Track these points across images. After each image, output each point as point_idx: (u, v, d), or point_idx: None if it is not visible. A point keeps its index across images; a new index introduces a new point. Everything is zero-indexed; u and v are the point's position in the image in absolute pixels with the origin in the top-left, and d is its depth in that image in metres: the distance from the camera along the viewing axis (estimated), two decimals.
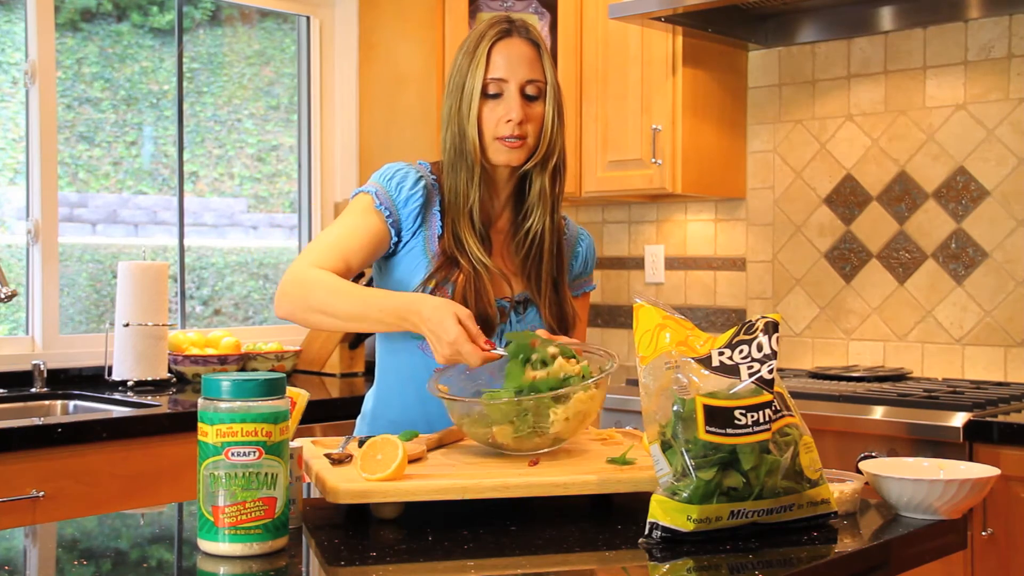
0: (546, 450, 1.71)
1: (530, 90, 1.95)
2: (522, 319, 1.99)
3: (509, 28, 1.96)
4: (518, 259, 2.02)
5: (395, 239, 1.97)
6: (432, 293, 1.91)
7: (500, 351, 1.76)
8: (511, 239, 2.04)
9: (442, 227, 1.97)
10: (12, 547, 1.50)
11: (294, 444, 1.54)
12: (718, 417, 1.42)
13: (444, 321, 1.74)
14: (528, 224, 2.01)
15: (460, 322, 1.73)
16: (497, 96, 1.94)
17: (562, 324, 2.02)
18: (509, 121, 1.92)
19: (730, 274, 3.73)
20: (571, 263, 2.12)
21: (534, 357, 1.74)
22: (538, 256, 2.01)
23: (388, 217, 1.95)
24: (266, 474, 1.36)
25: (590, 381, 1.69)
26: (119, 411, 2.98)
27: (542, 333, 1.82)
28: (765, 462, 1.43)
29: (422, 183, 1.97)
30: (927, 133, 3.29)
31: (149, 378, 3.35)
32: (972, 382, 3.09)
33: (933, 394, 2.79)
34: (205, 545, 1.37)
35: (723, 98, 3.58)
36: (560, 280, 2.05)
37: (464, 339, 1.72)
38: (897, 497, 1.60)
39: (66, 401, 3.25)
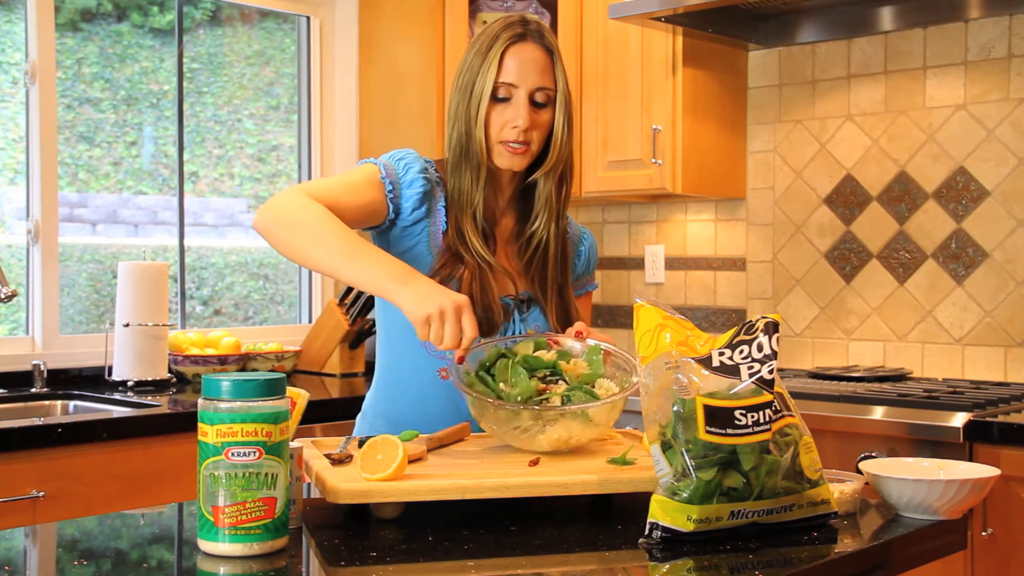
0: (565, 451, 1.73)
1: (539, 97, 1.93)
2: (525, 318, 1.98)
3: (524, 32, 1.93)
4: (521, 262, 2.02)
5: (391, 216, 1.93)
6: None
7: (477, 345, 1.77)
8: (514, 241, 2.03)
9: (446, 222, 1.96)
10: (12, 547, 1.50)
11: (294, 444, 1.54)
12: (718, 417, 1.42)
13: (449, 293, 1.71)
14: (532, 229, 2.00)
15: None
16: (506, 100, 1.92)
17: (566, 328, 2.01)
18: (515, 127, 1.91)
19: (730, 274, 3.73)
20: (574, 262, 2.12)
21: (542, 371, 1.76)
22: (542, 261, 2.01)
23: (390, 192, 1.91)
24: (266, 474, 1.36)
25: (609, 400, 1.70)
26: (119, 411, 2.98)
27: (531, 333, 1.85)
28: (765, 462, 1.43)
29: (426, 174, 1.95)
30: (927, 133, 3.29)
31: (149, 378, 3.35)
32: (972, 382, 3.09)
33: (933, 394, 2.79)
34: (205, 545, 1.37)
35: (723, 98, 3.58)
36: (564, 284, 2.04)
37: (468, 307, 1.70)
38: (897, 497, 1.60)
39: (66, 401, 3.25)
